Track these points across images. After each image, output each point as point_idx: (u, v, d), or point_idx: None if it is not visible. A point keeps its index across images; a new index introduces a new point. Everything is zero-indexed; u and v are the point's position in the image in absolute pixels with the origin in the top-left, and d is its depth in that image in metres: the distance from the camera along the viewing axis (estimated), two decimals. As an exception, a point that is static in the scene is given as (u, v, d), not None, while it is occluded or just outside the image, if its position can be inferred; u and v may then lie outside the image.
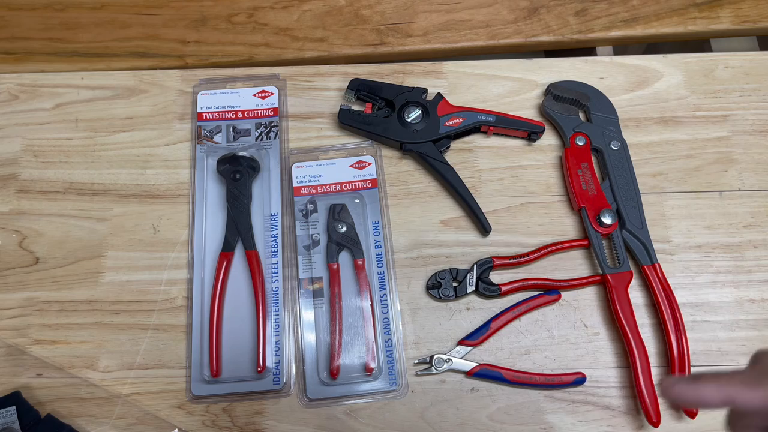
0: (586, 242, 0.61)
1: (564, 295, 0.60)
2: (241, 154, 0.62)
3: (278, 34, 0.71)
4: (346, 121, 0.64)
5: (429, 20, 0.72)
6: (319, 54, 0.70)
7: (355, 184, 0.63)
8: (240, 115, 0.66)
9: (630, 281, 0.59)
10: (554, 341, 0.59)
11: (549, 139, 0.66)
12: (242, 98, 0.66)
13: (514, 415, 0.56)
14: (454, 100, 0.66)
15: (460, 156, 0.65)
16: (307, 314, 0.59)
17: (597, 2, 0.73)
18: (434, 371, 0.57)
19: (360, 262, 0.60)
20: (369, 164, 0.64)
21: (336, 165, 0.64)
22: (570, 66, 0.69)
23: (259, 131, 0.65)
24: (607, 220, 0.60)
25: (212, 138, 0.65)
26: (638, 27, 0.72)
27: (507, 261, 0.60)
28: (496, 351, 0.58)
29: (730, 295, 0.60)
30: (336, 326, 0.57)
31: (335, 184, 0.63)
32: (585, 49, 0.73)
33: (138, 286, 0.60)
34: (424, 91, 0.65)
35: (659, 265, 0.60)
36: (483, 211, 0.62)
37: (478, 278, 0.60)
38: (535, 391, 0.57)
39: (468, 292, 0.59)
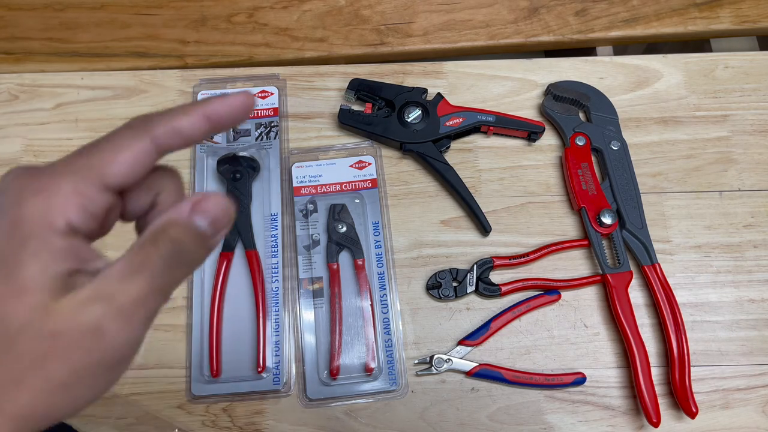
0: (586, 242, 0.61)
1: (564, 295, 0.60)
2: (241, 154, 0.62)
3: (278, 34, 0.71)
4: (346, 121, 0.64)
5: (429, 20, 0.72)
6: (319, 54, 0.70)
7: (355, 184, 0.63)
8: (240, 115, 0.65)
9: (630, 281, 0.59)
10: (554, 341, 0.59)
11: (549, 139, 0.66)
12: (242, 98, 0.66)
13: (514, 415, 0.56)
14: (454, 100, 0.66)
15: (460, 156, 0.65)
16: (307, 314, 0.59)
17: (597, 2, 0.73)
18: (434, 371, 0.57)
19: (360, 262, 0.60)
20: (369, 164, 0.64)
21: (336, 165, 0.64)
22: (570, 66, 0.69)
23: (259, 131, 0.65)
24: (607, 220, 0.60)
25: (212, 138, 0.65)
26: (638, 27, 0.72)
27: (507, 261, 0.60)
28: (496, 351, 0.58)
29: (730, 295, 0.60)
30: (336, 326, 0.57)
31: (335, 184, 0.63)
32: (585, 49, 0.73)
33: (138, 286, 0.60)
34: (424, 91, 0.65)
35: (659, 265, 0.60)
36: (483, 211, 0.62)
37: (478, 278, 0.60)
38: (535, 391, 0.57)
39: (468, 292, 0.59)
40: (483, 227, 0.61)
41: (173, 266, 0.26)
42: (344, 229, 0.61)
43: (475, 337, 0.58)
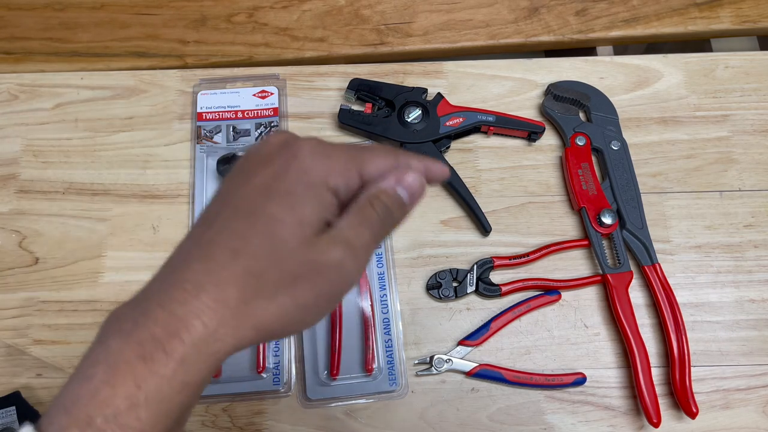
0: (586, 242, 0.61)
1: (564, 295, 0.60)
2: (241, 154, 0.62)
3: (278, 34, 0.71)
4: (346, 121, 0.64)
5: (429, 20, 0.72)
6: (319, 54, 0.70)
7: (355, 184, 0.63)
8: (240, 115, 0.66)
9: (630, 281, 0.59)
10: (554, 341, 0.59)
11: (549, 139, 0.66)
12: (242, 98, 0.66)
13: (515, 416, 0.56)
14: (454, 100, 0.66)
15: (460, 156, 0.65)
16: (307, 314, 0.58)
17: (597, 2, 0.73)
18: (434, 371, 0.57)
19: (360, 262, 0.60)
20: (369, 164, 0.64)
21: (336, 165, 0.64)
22: (570, 66, 0.69)
23: (259, 131, 0.65)
24: (607, 220, 0.60)
25: (212, 138, 0.65)
26: (638, 27, 0.72)
27: (507, 261, 0.60)
28: (497, 351, 0.58)
29: (730, 295, 0.60)
30: (336, 326, 0.57)
31: (335, 184, 0.63)
32: (585, 49, 0.73)
33: (138, 286, 0.59)
34: (424, 91, 0.65)
35: (659, 265, 0.60)
36: (483, 211, 0.62)
37: (478, 278, 0.60)
38: (536, 391, 0.57)
39: (468, 292, 0.59)
40: (483, 227, 0.61)
41: (384, 223, 0.34)
42: (344, 229, 0.61)
43: (475, 338, 0.58)
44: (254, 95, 0.66)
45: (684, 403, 0.55)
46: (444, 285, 0.59)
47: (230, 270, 0.30)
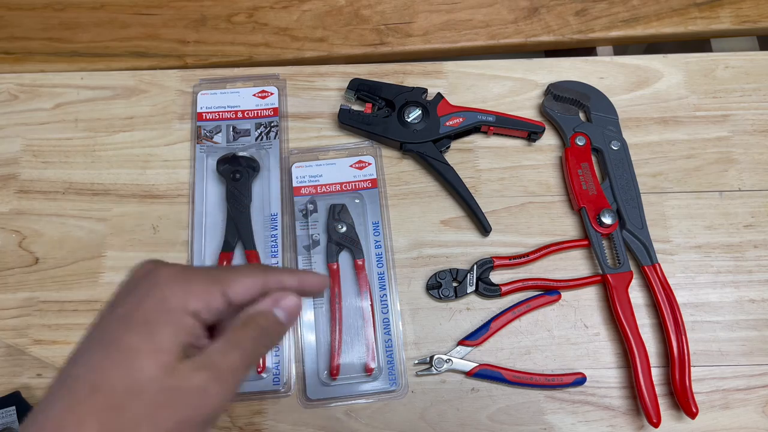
0: (586, 242, 0.61)
1: (564, 295, 0.60)
2: (240, 154, 0.62)
3: (278, 34, 0.71)
4: (346, 121, 0.64)
5: (429, 20, 0.72)
6: (319, 54, 0.70)
7: (355, 184, 0.63)
8: (240, 115, 0.66)
9: (630, 281, 0.59)
10: (554, 341, 0.59)
11: (549, 139, 0.66)
12: (242, 98, 0.66)
13: (514, 416, 0.56)
14: (454, 100, 0.66)
15: (460, 156, 0.65)
16: (307, 314, 0.59)
17: (597, 2, 0.73)
18: (434, 371, 0.57)
19: (360, 263, 0.60)
20: (369, 164, 0.64)
21: (336, 165, 0.64)
22: (570, 66, 0.69)
23: (259, 131, 0.65)
24: (607, 220, 0.60)
25: (212, 138, 0.65)
26: (638, 27, 0.72)
27: (507, 261, 0.60)
28: (497, 351, 0.58)
29: (730, 295, 0.60)
30: (336, 326, 0.57)
31: (335, 184, 0.63)
32: (585, 49, 0.73)
33: (138, 286, 0.60)
34: (424, 91, 0.65)
35: (659, 265, 0.60)
36: (483, 211, 0.62)
37: (478, 278, 0.60)
38: (536, 391, 0.57)
39: (468, 292, 0.59)
40: (483, 227, 0.61)
41: (259, 344, 0.35)
42: (344, 229, 0.61)
43: (475, 338, 0.58)
44: (254, 95, 0.66)
45: (684, 403, 0.55)
46: (444, 285, 0.59)
47: (89, 405, 0.30)
